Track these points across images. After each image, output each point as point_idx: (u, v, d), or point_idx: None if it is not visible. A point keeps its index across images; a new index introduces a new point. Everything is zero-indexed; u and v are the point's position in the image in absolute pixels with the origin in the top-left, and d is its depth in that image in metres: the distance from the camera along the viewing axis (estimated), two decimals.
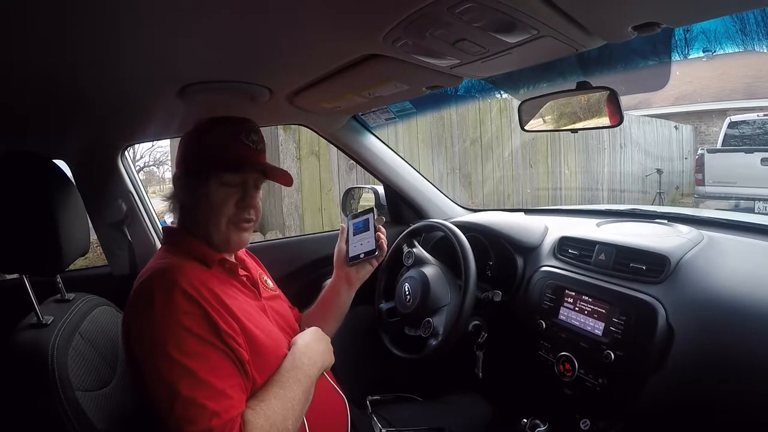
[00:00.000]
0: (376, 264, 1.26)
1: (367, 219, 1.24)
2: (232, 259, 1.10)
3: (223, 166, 1.00)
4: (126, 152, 1.72)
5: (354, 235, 1.26)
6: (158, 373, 0.83)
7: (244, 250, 1.22)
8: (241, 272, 1.10)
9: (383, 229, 1.25)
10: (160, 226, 1.76)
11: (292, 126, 3.75)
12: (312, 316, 1.30)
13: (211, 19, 0.75)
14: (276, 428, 0.87)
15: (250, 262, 1.20)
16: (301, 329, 1.27)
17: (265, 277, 1.23)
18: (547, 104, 1.35)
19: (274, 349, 0.99)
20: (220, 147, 1.02)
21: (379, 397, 1.36)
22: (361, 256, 1.21)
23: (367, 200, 2.12)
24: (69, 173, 1.55)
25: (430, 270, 1.44)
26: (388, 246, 1.35)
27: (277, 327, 1.06)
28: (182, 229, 1.06)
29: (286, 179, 1.07)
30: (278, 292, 1.24)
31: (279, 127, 3.82)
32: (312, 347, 1.05)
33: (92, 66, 0.90)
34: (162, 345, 0.84)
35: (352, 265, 1.26)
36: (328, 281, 1.85)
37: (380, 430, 1.24)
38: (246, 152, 1.03)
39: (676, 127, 10.52)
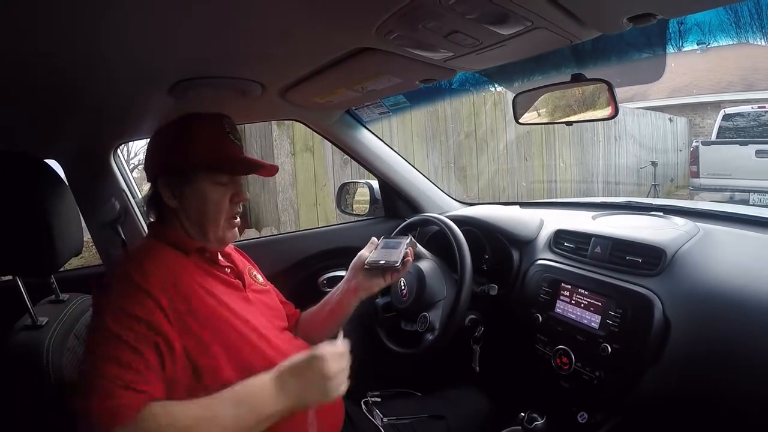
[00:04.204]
0: (390, 280, 1.21)
1: (401, 241, 1.24)
2: (213, 248, 1.09)
3: (218, 167, 1.01)
4: (119, 151, 1.71)
5: (382, 248, 1.24)
6: (89, 341, 0.85)
7: (232, 246, 1.21)
8: (225, 263, 1.10)
9: (413, 253, 1.24)
10: None
11: (286, 122, 3.74)
12: (311, 315, 1.29)
13: (201, 14, 0.74)
14: (175, 429, 0.79)
15: (238, 257, 1.19)
16: (300, 327, 1.27)
17: (255, 272, 1.22)
18: (541, 97, 1.35)
19: (253, 339, 0.98)
20: (210, 147, 1.01)
21: (378, 393, 1.36)
22: (381, 262, 1.17)
23: (362, 195, 2.12)
24: (61, 173, 1.54)
25: (426, 264, 1.44)
26: None
27: (264, 318, 1.05)
28: (162, 223, 1.06)
29: (273, 171, 1.09)
30: (269, 287, 1.23)
31: (272, 122, 3.81)
32: (283, 377, 0.88)
33: (82, 64, 0.89)
34: (101, 314, 0.85)
35: (368, 269, 1.21)
36: (326, 277, 1.86)
37: (381, 419, 1.24)
38: (235, 150, 1.04)
39: (670, 120, 10.54)
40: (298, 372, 0.88)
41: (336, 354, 0.91)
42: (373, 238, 1.27)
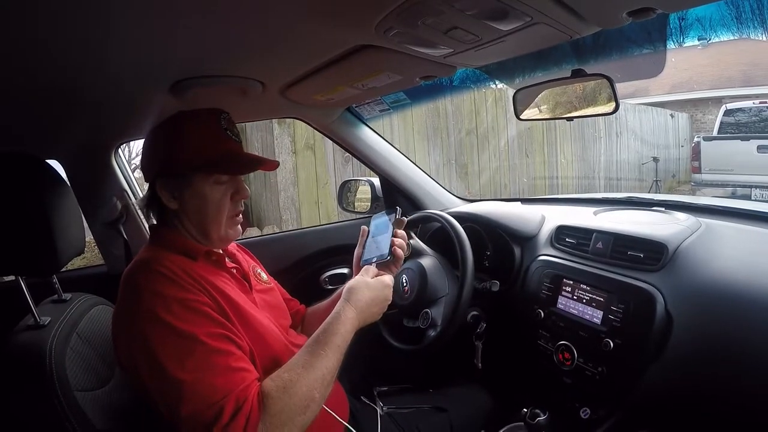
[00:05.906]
0: (393, 271, 1.16)
1: (386, 220, 1.17)
2: (219, 251, 1.07)
3: (215, 167, 0.98)
4: (120, 150, 1.71)
5: (373, 237, 1.18)
6: (151, 348, 0.81)
7: (235, 244, 1.21)
8: (231, 265, 1.09)
9: (402, 233, 1.17)
10: None
11: (287, 120, 3.73)
12: (319, 312, 1.28)
13: (201, 13, 0.74)
14: (297, 399, 0.82)
15: (242, 256, 1.18)
16: (306, 323, 1.27)
17: (259, 270, 1.21)
18: (542, 93, 1.35)
19: (267, 338, 0.98)
20: (206, 146, 0.98)
21: (386, 389, 1.36)
22: (374, 260, 1.11)
23: (363, 193, 2.12)
24: (63, 173, 1.54)
25: (428, 261, 1.44)
26: None
27: (270, 319, 1.05)
28: (164, 226, 1.03)
29: (273, 166, 1.07)
30: (272, 284, 1.23)
31: (273, 120, 3.80)
32: (364, 312, 0.99)
33: (83, 64, 0.89)
34: (154, 319, 0.83)
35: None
36: (328, 275, 1.86)
37: (381, 408, 1.25)
38: (232, 147, 1.02)
39: (672, 115, 10.52)
40: (372, 292, 1.02)
41: (391, 285, 1.06)
42: (363, 228, 1.23)
